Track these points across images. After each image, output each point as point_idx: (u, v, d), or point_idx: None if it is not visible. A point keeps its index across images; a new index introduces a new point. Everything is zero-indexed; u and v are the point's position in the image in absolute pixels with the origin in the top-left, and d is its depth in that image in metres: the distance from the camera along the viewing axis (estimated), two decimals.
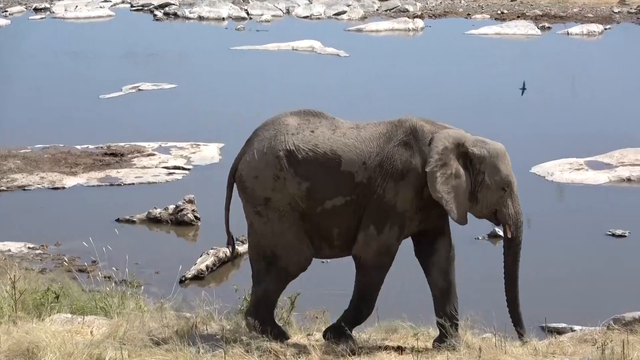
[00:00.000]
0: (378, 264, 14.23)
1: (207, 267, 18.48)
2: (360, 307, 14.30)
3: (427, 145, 13.86)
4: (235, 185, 14.38)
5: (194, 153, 22.75)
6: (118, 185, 21.51)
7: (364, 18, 32.74)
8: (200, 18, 33.36)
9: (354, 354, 13.73)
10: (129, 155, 22.70)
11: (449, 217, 14.15)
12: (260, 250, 14.39)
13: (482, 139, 14.08)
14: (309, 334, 14.89)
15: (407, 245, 16.11)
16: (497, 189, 13.92)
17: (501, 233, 15.04)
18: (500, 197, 13.94)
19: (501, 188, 13.89)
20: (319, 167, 13.91)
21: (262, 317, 14.10)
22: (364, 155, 13.93)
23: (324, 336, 14.10)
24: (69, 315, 14.97)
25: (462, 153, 13.80)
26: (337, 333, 14.09)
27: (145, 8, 34.40)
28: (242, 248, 18.86)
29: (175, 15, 33.68)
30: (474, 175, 13.94)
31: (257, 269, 14.49)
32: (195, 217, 19.95)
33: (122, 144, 23.06)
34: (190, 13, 33.67)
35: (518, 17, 31.97)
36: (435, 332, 14.45)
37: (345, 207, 14.06)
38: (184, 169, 22.18)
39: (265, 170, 13.98)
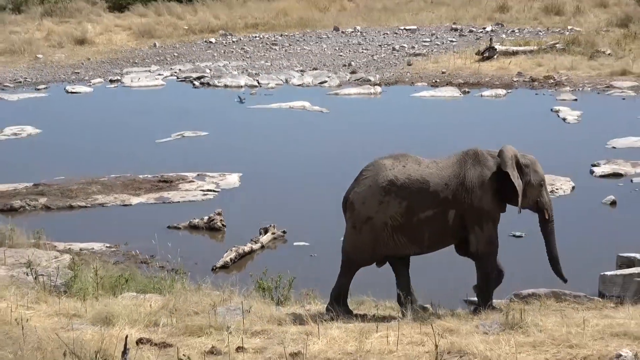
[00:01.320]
0: (489, 251, 15.06)
1: (230, 259, 18.23)
2: (489, 285, 15.15)
3: (489, 161, 14.93)
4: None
5: (221, 180, 22.99)
6: (168, 202, 21.72)
7: (339, 85, 32.34)
8: (225, 86, 33.10)
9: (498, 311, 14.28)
10: (176, 182, 22.89)
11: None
12: (344, 251, 15.28)
13: (523, 153, 15.10)
14: (302, 305, 15.20)
15: None
16: (537, 186, 14.92)
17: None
18: (539, 191, 14.93)
19: (539, 184, 14.93)
20: (413, 190, 14.82)
21: (336, 296, 14.96)
22: (445, 178, 14.87)
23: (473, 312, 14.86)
24: (135, 294, 15.52)
25: (517, 162, 14.75)
26: (485, 307, 14.80)
27: (187, 79, 34.05)
28: (255, 246, 19.29)
29: (208, 84, 33.43)
30: (523, 177, 14.83)
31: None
32: (223, 224, 20.19)
33: (171, 174, 23.21)
34: (218, 82, 33.52)
35: (447, 84, 31.75)
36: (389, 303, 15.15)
37: (433, 217, 14.87)
38: (214, 191, 22.39)
39: (371, 198, 14.86)
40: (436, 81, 32.50)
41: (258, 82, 33.37)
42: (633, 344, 12.17)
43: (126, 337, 10.99)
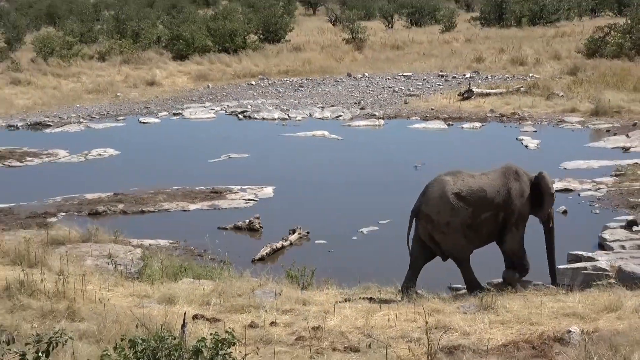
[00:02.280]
0: (519, 246, 15.37)
1: (266, 253, 18.13)
2: (519, 270, 15.39)
3: (524, 177, 15.32)
4: (416, 220, 15.30)
5: (259, 191, 22.82)
6: (218, 209, 21.54)
7: (351, 118, 32.24)
8: (263, 119, 32.98)
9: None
10: (224, 193, 22.74)
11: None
12: (447, 251, 15.34)
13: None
14: (321, 290, 15.15)
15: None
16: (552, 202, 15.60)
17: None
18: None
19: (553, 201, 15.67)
20: (476, 198, 15.00)
21: (474, 287, 15.14)
22: (497, 187, 15.15)
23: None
24: (191, 280, 15.62)
25: None
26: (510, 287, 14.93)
27: (233, 113, 33.90)
28: (285, 243, 19.10)
29: (249, 117, 33.27)
30: None
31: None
32: (260, 226, 20.00)
33: (220, 186, 23.12)
34: (257, 116, 33.35)
35: (435, 118, 31.60)
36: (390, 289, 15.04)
37: (490, 217, 15.12)
38: (253, 200, 22.19)
39: (444, 207, 14.88)
40: (427, 116, 32.41)
41: (288, 116, 33.30)
42: (580, 322, 12.38)
43: (185, 313, 11.09)
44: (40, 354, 7.58)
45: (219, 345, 8.99)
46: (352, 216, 21.07)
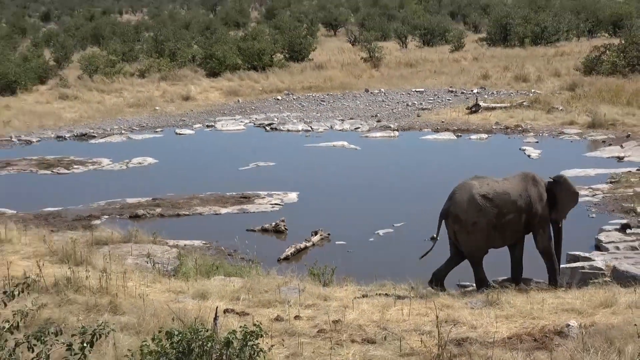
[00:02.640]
0: (549, 244, 15.42)
1: (291, 253, 18.09)
2: (554, 268, 15.34)
3: (541, 182, 15.42)
4: (445, 221, 15.37)
5: (284, 197, 22.72)
6: (247, 213, 21.67)
7: (368, 130, 32.10)
8: (288, 130, 32.84)
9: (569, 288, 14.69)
10: (253, 198, 22.68)
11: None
12: (466, 251, 15.36)
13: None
14: (341, 287, 15.15)
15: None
16: None
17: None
18: None
19: None
20: (501, 200, 15.07)
21: (483, 285, 15.10)
22: (519, 190, 15.25)
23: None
24: (223, 277, 15.62)
25: None
26: (556, 283, 15.07)
27: (261, 125, 33.82)
28: (308, 244, 19.10)
29: (275, 129, 33.17)
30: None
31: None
32: (285, 228, 19.91)
33: (249, 192, 23.12)
34: (283, 127, 33.22)
35: (445, 130, 31.43)
36: (403, 286, 14.87)
37: (514, 218, 15.16)
38: (279, 204, 22.21)
39: (471, 208, 14.95)
40: (437, 128, 32.35)
41: (311, 128, 33.27)
42: (578, 317, 12.39)
43: (217, 307, 11.04)
44: (85, 345, 7.62)
45: (248, 337, 9.04)
46: (369, 219, 21.04)
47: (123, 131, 34.61)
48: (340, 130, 33.08)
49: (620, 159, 26.33)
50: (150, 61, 48.66)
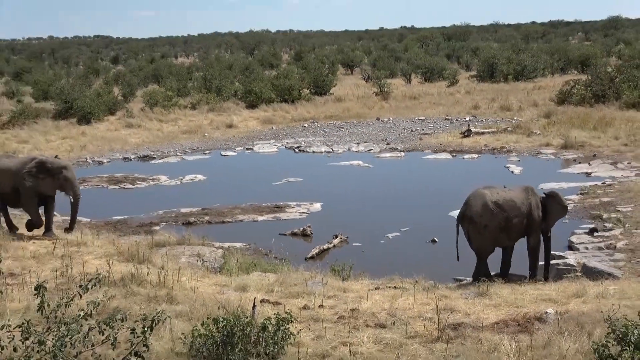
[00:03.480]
0: (538, 245, 15.29)
1: (315, 253, 17.94)
2: (535, 265, 15.22)
3: (537, 194, 15.42)
4: (460, 223, 15.32)
5: (310, 206, 22.65)
6: (280, 220, 21.55)
7: (379, 151, 31.93)
8: (313, 152, 32.69)
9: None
10: (284, 207, 22.49)
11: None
12: (475, 248, 15.25)
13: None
14: (357, 281, 15.00)
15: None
16: None
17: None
18: None
19: None
20: (509, 206, 14.99)
21: (483, 275, 15.00)
22: (522, 199, 15.16)
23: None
24: (260, 273, 15.51)
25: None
26: (534, 276, 15.01)
27: (291, 148, 33.66)
28: (330, 245, 18.94)
29: (303, 150, 33.05)
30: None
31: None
32: (311, 232, 19.68)
33: (281, 203, 23.05)
34: (309, 150, 33.02)
35: (442, 151, 31.18)
36: (409, 280, 14.71)
37: (518, 221, 15.06)
38: (306, 213, 22.16)
39: (485, 212, 14.90)
40: (436, 149, 32.23)
41: (332, 149, 33.21)
42: (554, 306, 12.28)
43: (254, 298, 11.09)
44: (146, 329, 7.63)
45: (280, 322, 9.05)
46: (381, 224, 20.90)
47: (178, 153, 34.58)
48: (356, 151, 32.96)
49: (588, 174, 26.13)
50: (200, 96, 48.74)
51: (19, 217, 20.14)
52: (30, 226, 18.54)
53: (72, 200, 18.32)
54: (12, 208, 19.21)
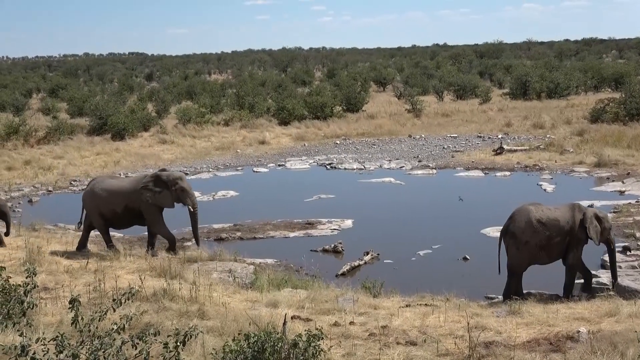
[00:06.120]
0: (577, 263, 15.13)
1: (347, 270, 17.88)
2: (571, 284, 15.10)
3: (583, 211, 15.08)
4: (503, 237, 15.31)
5: (341, 223, 22.57)
6: (311, 236, 21.60)
7: (411, 168, 31.96)
8: (345, 169, 32.80)
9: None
10: (316, 224, 22.50)
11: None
12: (510, 263, 15.21)
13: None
14: (388, 298, 14.97)
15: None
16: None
17: None
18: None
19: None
20: (551, 224, 14.91)
21: (514, 292, 15.02)
22: (567, 218, 15.02)
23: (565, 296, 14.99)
24: (291, 289, 15.49)
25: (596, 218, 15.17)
26: (568, 295, 15.01)
27: (323, 164, 33.82)
28: (361, 262, 18.85)
29: (335, 167, 33.19)
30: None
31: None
32: (342, 249, 19.70)
33: (312, 219, 23.14)
34: (340, 166, 33.16)
35: (475, 168, 31.18)
36: (440, 298, 14.67)
37: (560, 240, 14.99)
38: (337, 230, 22.17)
39: (528, 229, 14.86)
40: (468, 166, 32.18)
41: (364, 167, 33.26)
42: (587, 325, 12.15)
43: (285, 314, 11.10)
44: (178, 344, 7.62)
45: (311, 339, 9.02)
46: (412, 241, 20.86)
47: (210, 169, 34.75)
48: (388, 168, 32.99)
49: (621, 192, 25.99)
50: (233, 112, 49.03)
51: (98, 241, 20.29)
52: (171, 247, 18.91)
53: (192, 209, 18.73)
54: (116, 230, 20.04)
